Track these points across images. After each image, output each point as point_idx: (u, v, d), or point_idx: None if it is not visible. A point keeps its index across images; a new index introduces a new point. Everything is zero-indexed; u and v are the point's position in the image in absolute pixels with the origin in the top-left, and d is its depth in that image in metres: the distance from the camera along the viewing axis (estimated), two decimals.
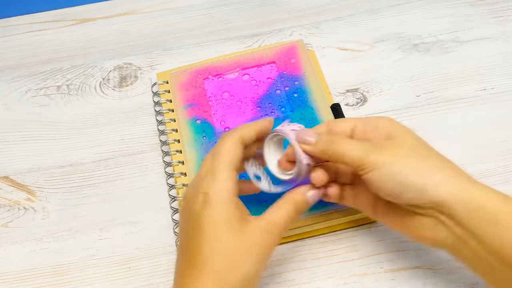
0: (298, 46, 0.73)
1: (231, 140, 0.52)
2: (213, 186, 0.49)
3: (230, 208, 0.49)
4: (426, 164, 0.49)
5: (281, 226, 0.50)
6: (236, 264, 0.47)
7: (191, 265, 0.48)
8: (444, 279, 0.56)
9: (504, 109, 0.68)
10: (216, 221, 0.48)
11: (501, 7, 0.78)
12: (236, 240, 0.48)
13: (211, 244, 0.48)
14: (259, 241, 0.49)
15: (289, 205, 0.51)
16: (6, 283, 0.61)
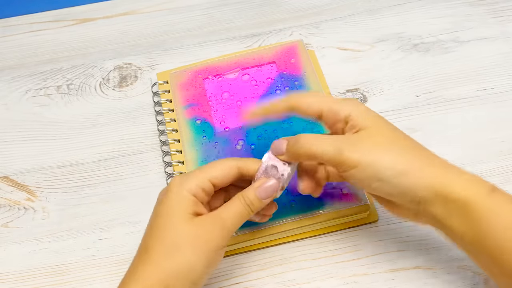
0: (298, 46, 0.73)
1: (228, 162, 0.52)
2: (177, 182, 0.51)
3: (184, 202, 0.50)
4: (403, 161, 0.48)
5: (229, 221, 0.50)
6: (177, 253, 0.48)
7: (141, 251, 0.50)
8: (444, 279, 0.56)
9: (504, 109, 0.68)
10: (169, 211, 0.50)
11: (501, 7, 0.78)
12: (181, 230, 0.49)
13: (158, 228, 0.49)
14: (204, 234, 0.49)
15: (239, 201, 0.51)
16: (6, 283, 0.61)
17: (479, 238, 0.46)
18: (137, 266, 0.49)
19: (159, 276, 0.48)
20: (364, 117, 0.50)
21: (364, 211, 0.60)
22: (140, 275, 0.48)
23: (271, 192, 0.52)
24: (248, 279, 0.58)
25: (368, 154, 0.48)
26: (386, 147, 0.49)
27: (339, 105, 0.51)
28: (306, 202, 0.60)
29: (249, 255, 0.60)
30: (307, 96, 0.54)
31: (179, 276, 0.48)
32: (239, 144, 0.65)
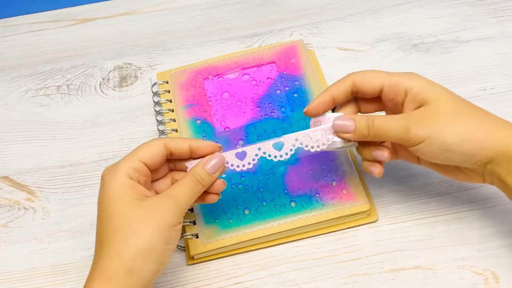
0: (298, 46, 0.73)
1: (152, 142, 0.53)
2: (107, 170, 0.52)
3: (122, 186, 0.50)
4: (468, 129, 0.50)
5: (181, 197, 0.51)
6: (133, 236, 0.48)
7: (97, 247, 0.50)
8: (444, 279, 0.56)
9: (504, 109, 0.68)
10: (112, 200, 0.50)
11: (501, 7, 0.78)
12: (132, 214, 0.49)
13: (107, 221, 0.50)
14: (157, 212, 0.49)
15: (189, 178, 0.52)
16: (6, 283, 0.61)
17: None
18: (97, 262, 0.49)
19: (120, 263, 0.48)
20: (425, 91, 0.52)
21: (364, 211, 0.60)
22: (101, 269, 0.48)
23: (219, 166, 0.53)
24: (248, 279, 0.58)
25: (433, 128, 0.50)
26: (450, 118, 0.51)
27: (400, 78, 0.53)
28: (306, 202, 0.60)
29: (249, 255, 0.60)
30: (367, 72, 0.55)
31: (141, 257, 0.48)
32: (239, 144, 0.65)
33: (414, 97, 0.52)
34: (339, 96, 0.55)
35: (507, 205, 0.61)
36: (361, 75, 0.55)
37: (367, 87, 0.54)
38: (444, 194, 0.62)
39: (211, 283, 0.58)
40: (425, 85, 0.52)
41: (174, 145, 0.54)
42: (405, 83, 0.53)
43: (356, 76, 0.55)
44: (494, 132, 0.50)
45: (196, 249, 0.59)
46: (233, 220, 0.60)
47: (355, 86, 0.55)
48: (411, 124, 0.51)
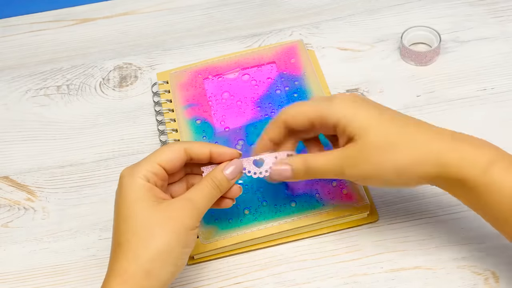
0: (298, 46, 0.73)
1: (173, 146, 0.53)
2: (126, 172, 0.52)
3: (140, 188, 0.50)
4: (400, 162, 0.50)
5: (199, 201, 0.51)
6: (151, 238, 0.48)
7: (114, 248, 0.50)
8: (444, 279, 0.56)
9: (504, 109, 0.68)
10: (130, 202, 0.50)
11: (501, 7, 0.78)
12: (150, 216, 0.49)
13: (124, 222, 0.50)
14: (175, 215, 0.49)
15: (208, 182, 0.52)
16: (6, 283, 0.61)
17: (484, 211, 0.50)
18: (114, 263, 0.49)
19: (138, 265, 0.48)
20: (351, 124, 0.51)
21: (364, 211, 0.60)
22: (118, 270, 0.48)
23: (236, 172, 0.54)
24: (248, 279, 0.58)
25: (365, 169, 0.51)
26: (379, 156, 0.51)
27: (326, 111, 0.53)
28: (306, 202, 0.60)
29: (249, 255, 0.60)
30: (296, 107, 0.55)
31: (158, 259, 0.48)
32: (239, 144, 0.65)
33: (343, 131, 0.52)
34: (275, 137, 0.56)
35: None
36: (289, 112, 0.54)
37: (298, 125, 0.54)
38: (444, 194, 0.61)
39: (211, 283, 0.58)
40: (350, 116, 0.51)
41: (195, 150, 0.53)
42: (331, 117, 0.52)
43: (285, 116, 0.54)
44: (425, 155, 0.50)
45: (196, 249, 0.59)
46: (233, 220, 0.60)
47: (287, 125, 0.55)
48: (345, 164, 0.51)
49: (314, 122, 0.53)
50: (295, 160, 0.54)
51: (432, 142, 0.50)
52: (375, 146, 0.50)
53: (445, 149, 0.50)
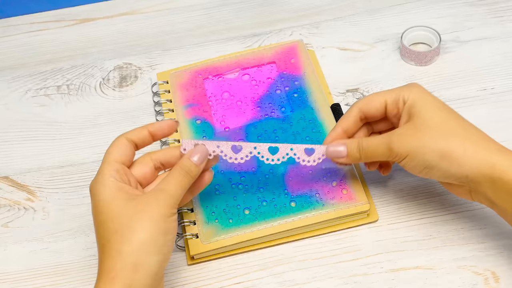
0: (298, 46, 0.73)
1: (116, 141, 0.55)
2: (93, 182, 0.53)
3: (110, 191, 0.51)
4: (446, 146, 0.51)
5: (172, 189, 0.52)
6: (131, 232, 0.49)
7: (99, 252, 0.50)
8: (444, 279, 0.56)
9: (504, 109, 0.68)
10: (104, 204, 0.51)
11: (501, 7, 0.78)
12: (127, 212, 0.50)
13: (102, 225, 0.50)
14: (150, 205, 0.50)
15: (177, 171, 0.53)
16: (6, 283, 0.61)
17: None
18: (101, 264, 0.50)
19: (123, 260, 0.48)
20: (417, 103, 0.54)
21: (364, 211, 0.60)
22: (105, 269, 0.49)
23: (203, 158, 0.54)
24: (248, 279, 0.58)
25: (412, 145, 0.52)
26: (429, 135, 0.52)
27: (399, 92, 0.55)
28: (306, 202, 0.60)
29: (249, 255, 0.60)
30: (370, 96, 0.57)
31: (142, 250, 0.49)
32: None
33: (408, 109, 0.54)
34: (349, 128, 0.58)
35: None
36: (365, 101, 0.57)
37: (374, 111, 0.57)
38: (444, 194, 0.62)
39: (211, 283, 0.58)
40: (418, 97, 0.54)
41: (133, 135, 0.55)
42: (403, 95, 0.55)
43: (361, 104, 0.57)
44: (472, 152, 0.51)
45: (196, 249, 0.59)
46: (233, 220, 0.60)
47: (362, 113, 0.57)
48: (393, 141, 0.53)
49: (388, 105, 0.56)
50: (350, 141, 0.56)
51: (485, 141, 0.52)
52: (428, 126, 0.52)
53: (495, 151, 0.51)
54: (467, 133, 0.53)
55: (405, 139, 0.53)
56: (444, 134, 0.52)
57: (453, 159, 0.51)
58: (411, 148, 0.52)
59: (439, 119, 0.53)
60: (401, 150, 0.53)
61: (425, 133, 0.52)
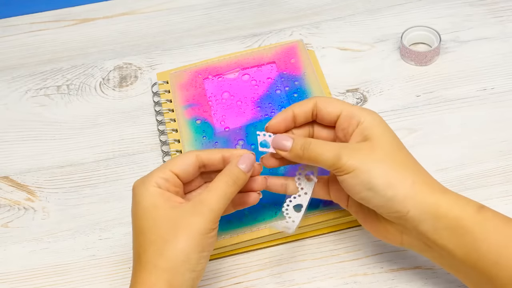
0: (298, 46, 0.73)
1: (185, 153, 0.53)
2: (138, 183, 0.52)
3: (153, 196, 0.50)
4: (396, 175, 0.50)
5: (214, 202, 0.50)
6: (167, 247, 0.48)
7: (135, 261, 0.50)
8: (444, 279, 0.56)
9: (504, 109, 0.68)
10: (144, 212, 0.50)
11: (501, 7, 0.78)
12: (165, 224, 0.49)
13: (141, 233, 0.49)
14: (189, 220, 0.49)
15: (222, 179, 0.51)
16: (6, 283, 0.61)
17: (471, 255, 0.48)
18: (137, 276, 0.49)
19: (159, 276, 0.48)
20: (373, 128, 0.52)
21: None
22: (141, 282, 0.48)
23: (251, 164, 0.52)
24: (248, 279, 0.58)
25: (364, 161, 0.50)
26: (383, 159, 0.50)
27: (357, 111, 0.53)
28: None
29: (249, 255, 0.60)
30: (330, 98, 0.55)
31: (177, 268, 0.48)
32: (239, 144, 0.65)
33: (362, 131, 0.52)
34: (300, 115, 0.55)
35: (508, 205, 0.61)
36: (324, 99, 0.55)
37: (327, 112, 0.54)
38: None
39: (211, 283, 0.58)
40: (376, 123, 0.52)
41: (206, 155, 0.53)
42: (359, 116, 0.52)
43: (319, 100, 0.54)
44: (420, 186, 0.49)
45: None
46: (233, 221, 0.60)
47: (316, 109, 0.54)
48: (344, 152, 0.50)
49: (341, 116, 0.53)
50: (297, 137, 0.53)
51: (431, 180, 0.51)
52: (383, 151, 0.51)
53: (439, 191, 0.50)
54: (417, 169, 0.51)
55: (358, 153, 0.50)
56: (397, 163, 0.50)
57: (400, 190, 0.49)
58: (361, 163, 0.50)
59: (394, 149, 0.51)
60: (349, 163, 0.50)
61: (379, 155, 0.50)
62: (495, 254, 0.47)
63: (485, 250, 0.47)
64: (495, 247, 0.47)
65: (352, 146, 0.51)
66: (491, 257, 0.47)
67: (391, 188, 0.49)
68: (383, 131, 0.52)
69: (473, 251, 0.48)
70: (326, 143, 0.52)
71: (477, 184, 0.62)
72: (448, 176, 0.63)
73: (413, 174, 0.50)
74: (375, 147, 0.51)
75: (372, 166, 0.50)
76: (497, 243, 0.47)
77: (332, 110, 0.54)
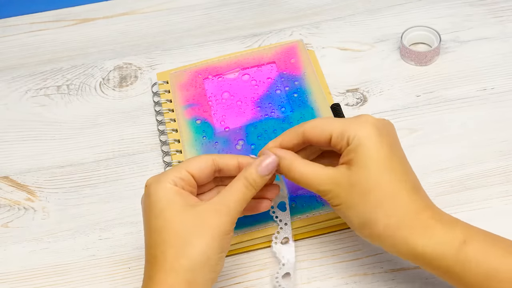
0: (298, 46, 0.73)
1: (202, 155, 0.53)
2: (153, 179, 0.51)
3: (169, 193, 0.49)
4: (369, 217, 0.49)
5: (233, 204, 0.50)
6: (187, 247, 0.48)
7: (150, 261, 0.49)
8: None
9: (504, 109, 0.68)
10: (160, 210, 0.49)
11: (501, 7, 0.78)
12: (180, 223, 0.48)
13: (157, 233, 0.49)
14: (209, 221, 0.48)
15: (241, 181, 0.51)
16: (6, 283, 0.61)
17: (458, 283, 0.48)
18: (152, 276, 0.48)
19: (178, 276, 0.47)
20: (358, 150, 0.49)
21: None
22: (157, 283, 0.47)
23: (272, 168, 0.51)
24: (248, 279, 0.58)
25: (344, 201, 0.50)
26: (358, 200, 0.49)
27: (347, 127, 0.50)
28: (306, 202, 0.60)
29: (249, 255, 0.60)
30: (318, 121, 0.53)
31: (197, 269, 0.47)
32: (239, 144, 0.65)
33: (348, 152, 0.50)
34: (288, 147, 0.53)
35: (508, 205, 0.61)
36: (311, 125, 0.52)
37: (317, 138, 0.52)
38: (444, 194, 0.62)
39: None
40: (363, 143, 0.49)
41: (223, 160, 0.53)
42: (348, 135, 0.50)
43: (307, 127, 0.52)
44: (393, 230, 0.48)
45: None
46: None
47: (306, 137, 0.52)
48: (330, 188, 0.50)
49: (332, 137, 0.51)
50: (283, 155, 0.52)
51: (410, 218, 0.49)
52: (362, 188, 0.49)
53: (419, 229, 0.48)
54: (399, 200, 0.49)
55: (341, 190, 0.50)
56: (373, 202, 0.49)
57: (373, 231, 0.49)
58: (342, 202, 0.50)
59: (377, 175, 0.49)
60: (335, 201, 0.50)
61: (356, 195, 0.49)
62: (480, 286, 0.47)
63: (471, 283, 0.47)
64: (479, 281, 0.47)
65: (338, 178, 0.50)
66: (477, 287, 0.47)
67: (366, 228, 0.49)
68: (368, 151, 0.49)
69: (458, 282, 0.48)
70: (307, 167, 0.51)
71: (477, 184, 0.62)
72: (448, 176, 0.63)
73: (387, 215, 0.48)
74: (353, 182, 0.49)
75: (349, 207, 0.49)
76: (479, 277, 0.47)
77: (323, 136, 0.51)
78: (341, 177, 0.50)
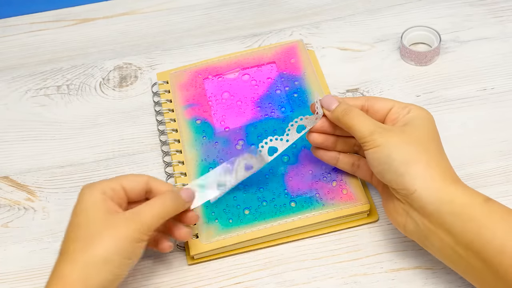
0: (298, 46, 0.73)
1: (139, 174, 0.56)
2: (87, 185, 0.54)
3: (94, 200, 0.52)
4: (413, 154, 0.52)
5: (148, 216, 0.52)
6: (91, 245, 0.50)
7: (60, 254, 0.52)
8: (444, 279, 0.56)
9: (504, 109, 0.68)
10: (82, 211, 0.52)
11: (501, 7, 0.78)
12: (96, 224, 0.51)
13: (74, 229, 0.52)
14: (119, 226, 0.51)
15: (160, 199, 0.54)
16: (6, 283, 0.61)
17: (475, 243, 0.48)
18: (57, 268, 0.50)
19: (77, 270, 0.49)
20: (416, 119, 0.55)
21: (364, 211, 0.60)
22: (60, 275, 0.49)
23: (192, 195, 0.56)
24: (248, 279, 0.58)
25: (389, 140, 0.53)
26: (408, 141, 0.53)
27: (410, 104, 0.57)
28: (306, 202, 0.60)
29: (249, 255, 0.60)
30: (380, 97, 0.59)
31: (96, 266, 0.49)
32: (239, 144, 0.65)
33: (406, 118, 0.55)
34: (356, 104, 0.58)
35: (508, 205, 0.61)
36: (375, 97, 0.58)
37: (379, 105, 0.57)
38: None
39: (211, 283, 0.58)
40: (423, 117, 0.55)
41: (155, 184, 0.56)
42: (411, 108, 0.56)
43: (371, 97, 0.58)
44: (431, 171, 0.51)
45: (196, 249, 0.59)
46: (233, 220, 0.60)
47: (369, 102, 0.57)
48: (377, 131, 0.53)
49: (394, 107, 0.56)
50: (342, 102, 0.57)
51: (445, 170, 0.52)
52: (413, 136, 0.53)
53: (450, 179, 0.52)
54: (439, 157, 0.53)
55: (389, 133, 0.53)
56: (421, 146, 0.52)
57: (412, 168, 0.51)
58: (387, 141, 0.52)
59: (425, 137, 0.54)
60: (378, 140, 0.53)
61: (406, 138, 0.53)
62: (500, 242, 0.47)
63: (489, 238, 0.48)
64: (501, 236, 0.47)
65: (386, 127, 0.54)
66: (496, 245, 0.47)
67: (404, 165, 0.51)
68: (424, 122, 0.55)
69: (477, 239, 0.48)
70: (365, 116, 0.55)
71: (477, 184, 0.62)
72: None
73: (431, 158, 0.52)
74: (407, 131, 0.53)
75: (395, 144, 0.52)
76: (502, 231, 0.48)
77: (383, 106, 0.57)
78: (393, 127, 0.54)
